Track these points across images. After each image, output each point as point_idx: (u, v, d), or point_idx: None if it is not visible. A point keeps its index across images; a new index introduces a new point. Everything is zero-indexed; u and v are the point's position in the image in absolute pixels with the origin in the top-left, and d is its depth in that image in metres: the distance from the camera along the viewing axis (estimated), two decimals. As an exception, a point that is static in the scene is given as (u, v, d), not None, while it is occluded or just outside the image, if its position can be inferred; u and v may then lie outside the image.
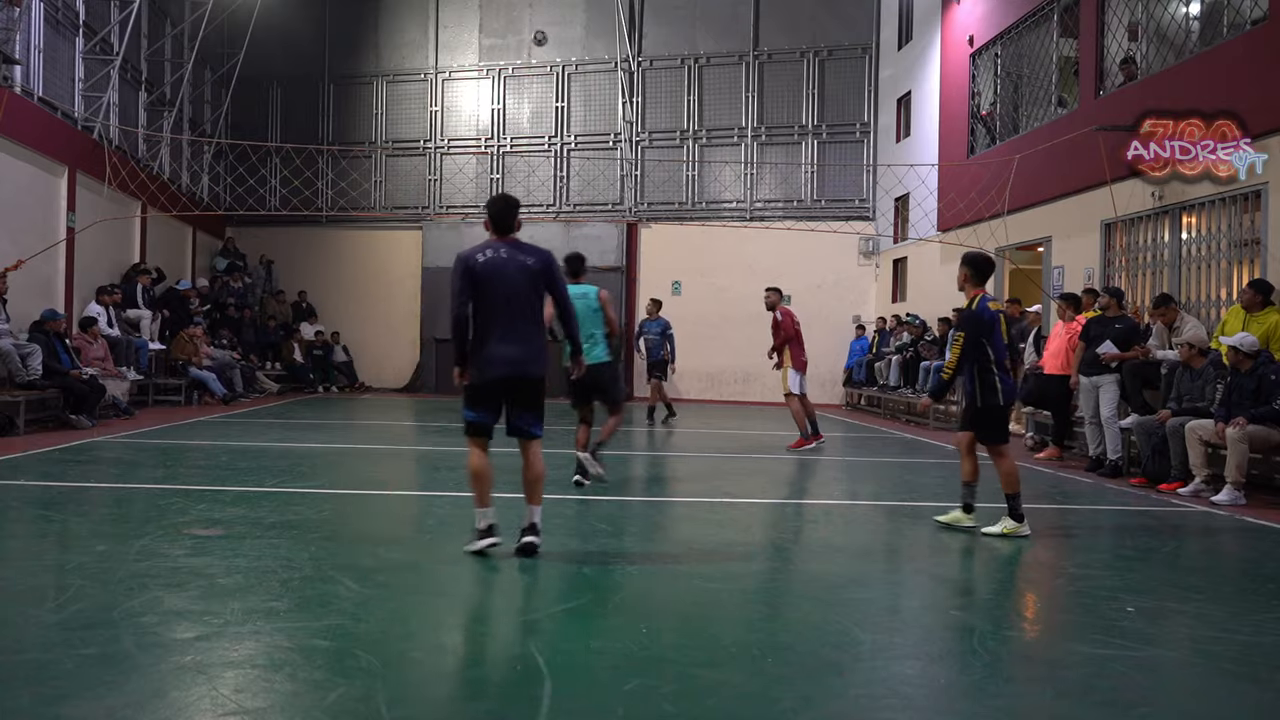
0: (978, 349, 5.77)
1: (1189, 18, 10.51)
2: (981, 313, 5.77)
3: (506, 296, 4.77)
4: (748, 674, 3.32)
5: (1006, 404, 5.85)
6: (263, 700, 2.95)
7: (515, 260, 4.80)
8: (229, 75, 19.81)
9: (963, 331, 5.81)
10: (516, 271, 4.78)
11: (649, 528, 6.18)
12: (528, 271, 4.80)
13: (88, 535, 5.29)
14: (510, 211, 4.98)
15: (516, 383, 4.88)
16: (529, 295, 4.82)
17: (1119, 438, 9.11)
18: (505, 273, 4.78)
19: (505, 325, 4.78)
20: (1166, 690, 3.38)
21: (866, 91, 19.18)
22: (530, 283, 4.81)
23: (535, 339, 4.86)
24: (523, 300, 4.80)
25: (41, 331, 11.40)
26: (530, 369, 4.86)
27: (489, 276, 4.77)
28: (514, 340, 4.79)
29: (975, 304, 5.81)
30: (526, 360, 4.83)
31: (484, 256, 4.80)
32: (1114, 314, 9.29)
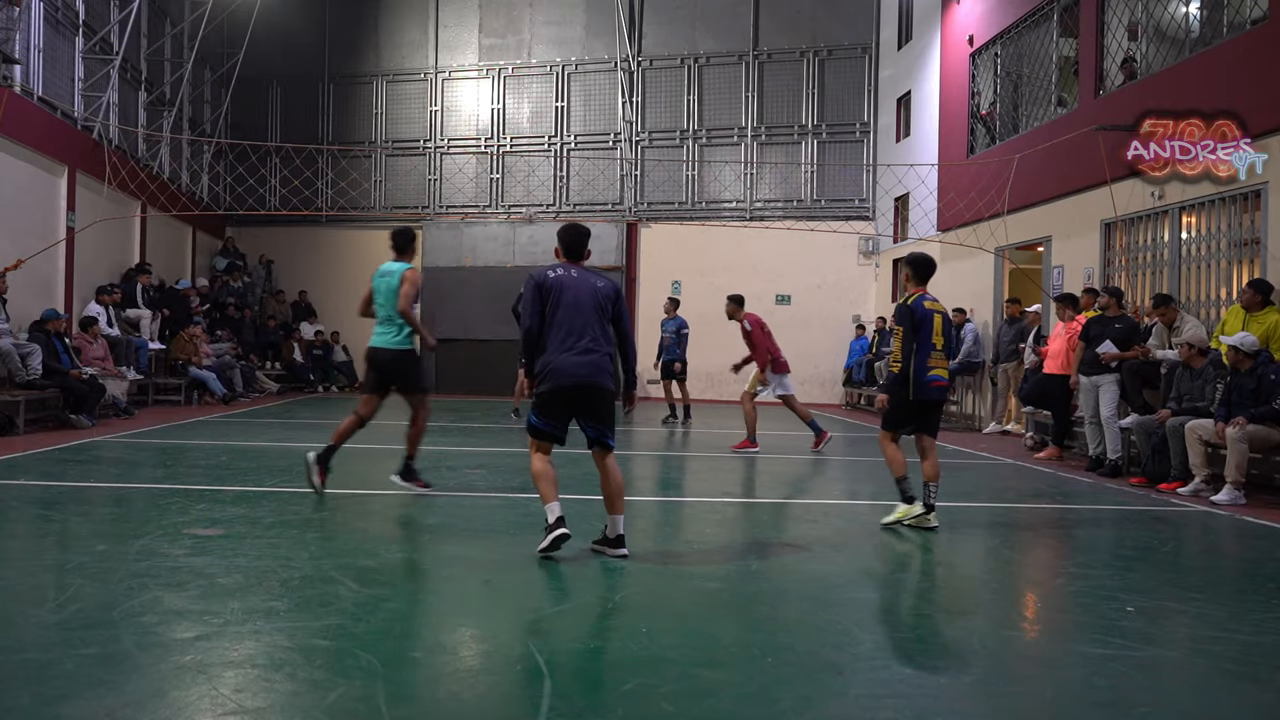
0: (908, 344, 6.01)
1: (1189, 17, 10.51)
2: (915, 308, 5.98)
3: (575, 310, 4.96)
4: (748, 674, 3.32)
5: (918, 401, 6.05)
6: (263, 700, 2.95)
7: (585, 279, 5.04)
8: (229, 75, 19.81)
9: (900, 325, 6.04)
10: (586, 290, 5.00)
11: (649, 527, 6.18)
12: (596, 291, 5.03)
13: (88, 535, 5.29)
14: (582, 240, 5.25)
15: (585, 392, 4.97)
16: (596, 312, 5.01)
17: (1119, 437, 9.12)
18: (575, 289, 4.99)
19: (574, 337, 4.94)
20: (1166, 690, 3.38)
21: (866, 91, 19.18)
22: (597, 302, 5.01)
23: (602, 351, 5.00)
24: (590, 315, 4.98)
25: (41, 331, 11.40)
26: (598, 379, 4.96)
27: (559, 290, 4.98)
28: (581, 351, 4.93)
29: (911, 300, 6.03)
30: (593, 372, 4.94)
31: (554, 274, 5.04)
32: (1114, 314, 9.30)
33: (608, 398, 5.04)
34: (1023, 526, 6.72)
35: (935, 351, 6.00)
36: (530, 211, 20.05)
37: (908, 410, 6.12)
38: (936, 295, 6.31)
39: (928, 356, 5.97)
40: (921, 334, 5.95)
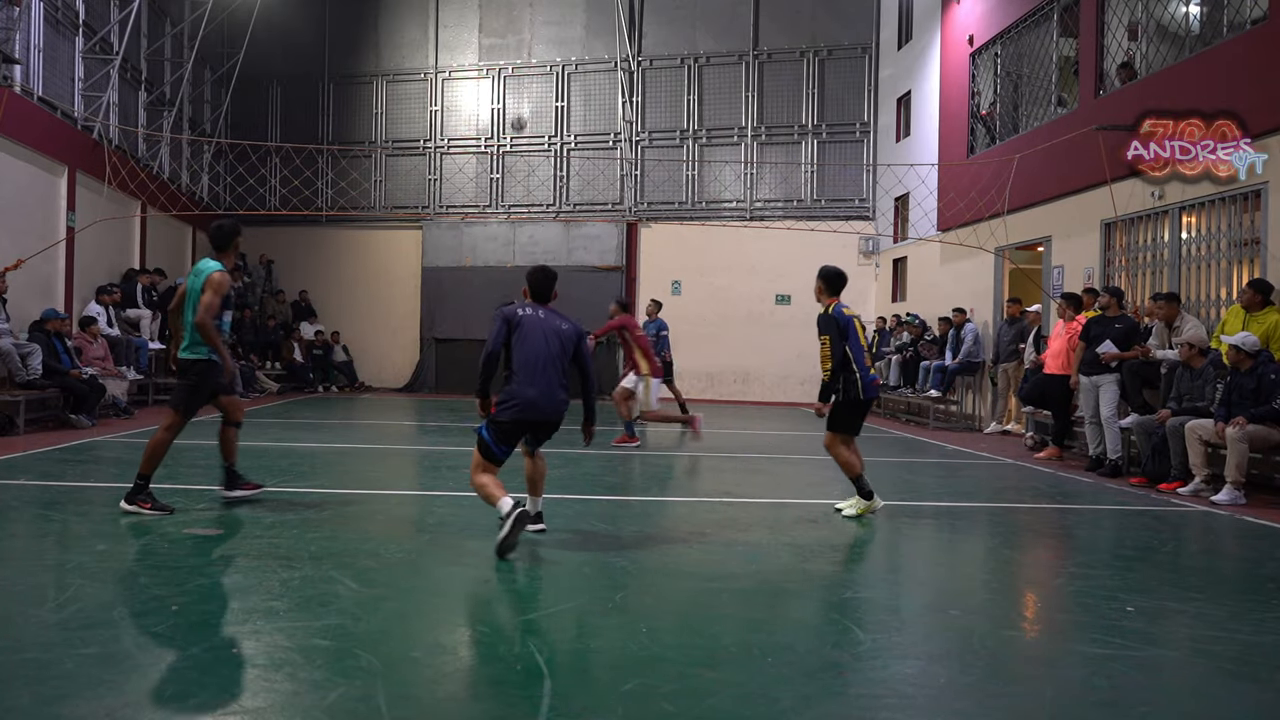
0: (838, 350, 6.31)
1: (1189, 17, 10.51)
2: (836, 316, 6.31)
3: (542, 348, 5.28)
4: (748, 674, 3.32)
5: (866, 400, 6.39)
6: (263, 700, 2.95)
7: (551, 321, 5.38)
8: (229, 75, 19.81)
9: (826, 334, 6.29)
10: (551, 330, 5.34)
11: (649, 527, 6.18)
12: (560, 333, 5.37)
13: (88, 535, 5.29)
14: (548, 282, 5.58)
15: (544, 425, 5.42)
16: (560, 352, 5.33)
17: (1119, 437, 9.12)
18: (542, 328, 5.33)
19: (540, 373, 5.26)
20: (1166, 690, 3.38)
21: (866, 91, 19.18)
22: (561, 343, 5.35)
23: (563, 388, 5.37)
24: (555, 354, 5.31)
25: (41, 331, 11.39)
26: (552, 415, 5.37)
27: (527, 328, 5.31)
28: (545, 388, 5.27)
29: (831, 309, 6.33)
30: (556, 408, 5.34)
31: (524, 311, 5.37)
32: (1114, 314, 9.30)
33: (556, 427, 5.50)
34: (1023, 526, 6.72)
35: (866, 352, 6.47)
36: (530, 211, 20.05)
37: (859, 411, 6.49)
38: (938, 295, 6.50)
39: (864, 356, 6.39)
40: (850, 337, 6.32)
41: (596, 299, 19.53)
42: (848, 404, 6.39)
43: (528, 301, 5.51)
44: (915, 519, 6.76)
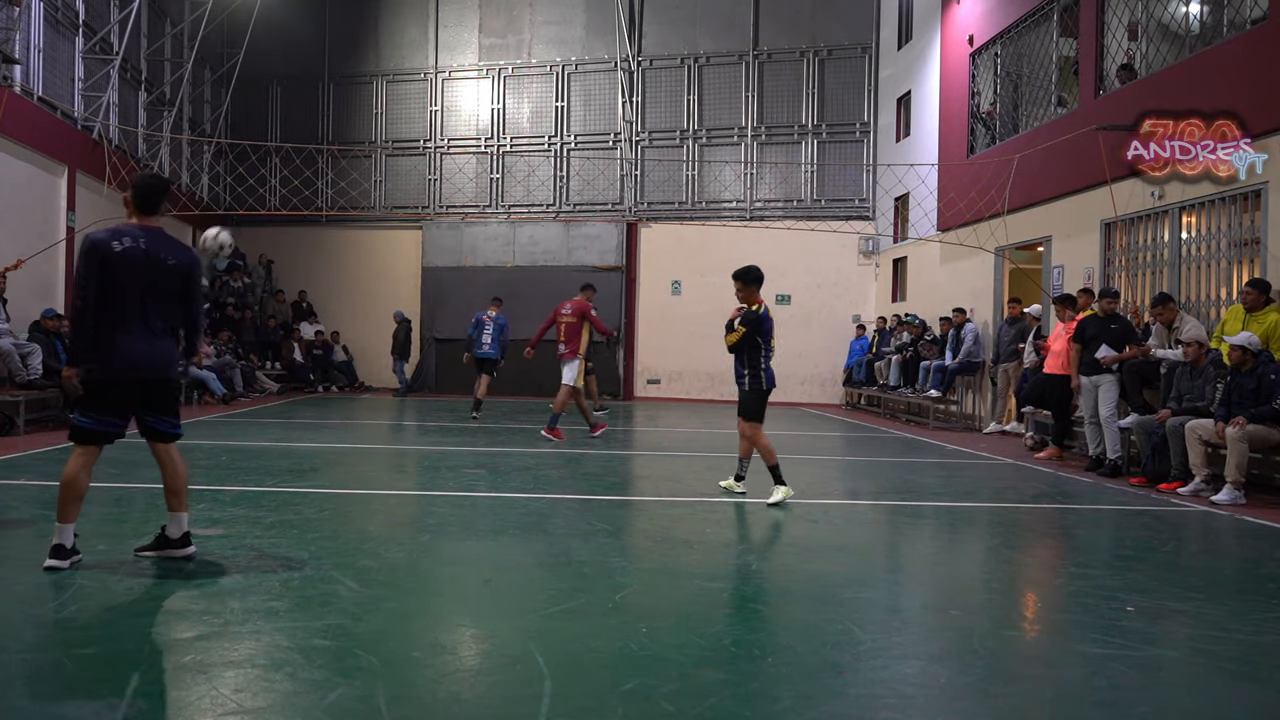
0: (754, 344, 6.94)
1: (1189, 17, 10.51)
2: (764, 317, 6.96)
3: (142, 291, 4.46)
4: (748, 674, 3.32)
5: (768, 389, 7.06)
6: (263, 700, 2.95)
7: (156, 252, 4.50)
8: (229, 75, 19.82)
9: (745, 327, 6.90)
10: (156, 265, 4.49)
11: (650, 527, 6.18)
12: (168, 269, 4.52)
13: (88, 535, 5.28)
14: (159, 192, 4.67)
15: (146, 386, 4.55)
16: (167, 293, 4.54)
17: (1118, 437, 9.12)
18: (143, 262, 4.46)
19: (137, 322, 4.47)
20: (1166, 690, 3.38)
21: (866, 91, 19.19)
22: (169, 281, 4.53)
23: (168, 339, 4.61)
24: (160, 297, 4.52)
25: (41, 331, 11.40)
26: (165, 372, 4.59)
27: (124, 266, 4.43)
28: (144, 339, 4.48)
29: (761, 309, 6.95)
30: (158, 363, 4.54)
31: (120, 244, 4.44)
32: (1106, 313, 9.28)
33: (171, 388, 4.70)
34: (1023, 526, 6.72)
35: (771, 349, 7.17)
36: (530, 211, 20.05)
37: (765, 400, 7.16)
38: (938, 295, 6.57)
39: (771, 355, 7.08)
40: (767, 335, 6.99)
41: (597, 299, 19.58)
42: (757, 392, 7.02)
43: (131, 224, 4.57)
44: (915, 519, 6.76)
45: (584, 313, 11.06)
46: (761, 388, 7.05)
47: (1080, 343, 9.37)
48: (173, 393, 4.74)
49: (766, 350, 7.02)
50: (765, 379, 7.06)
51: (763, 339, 6.96)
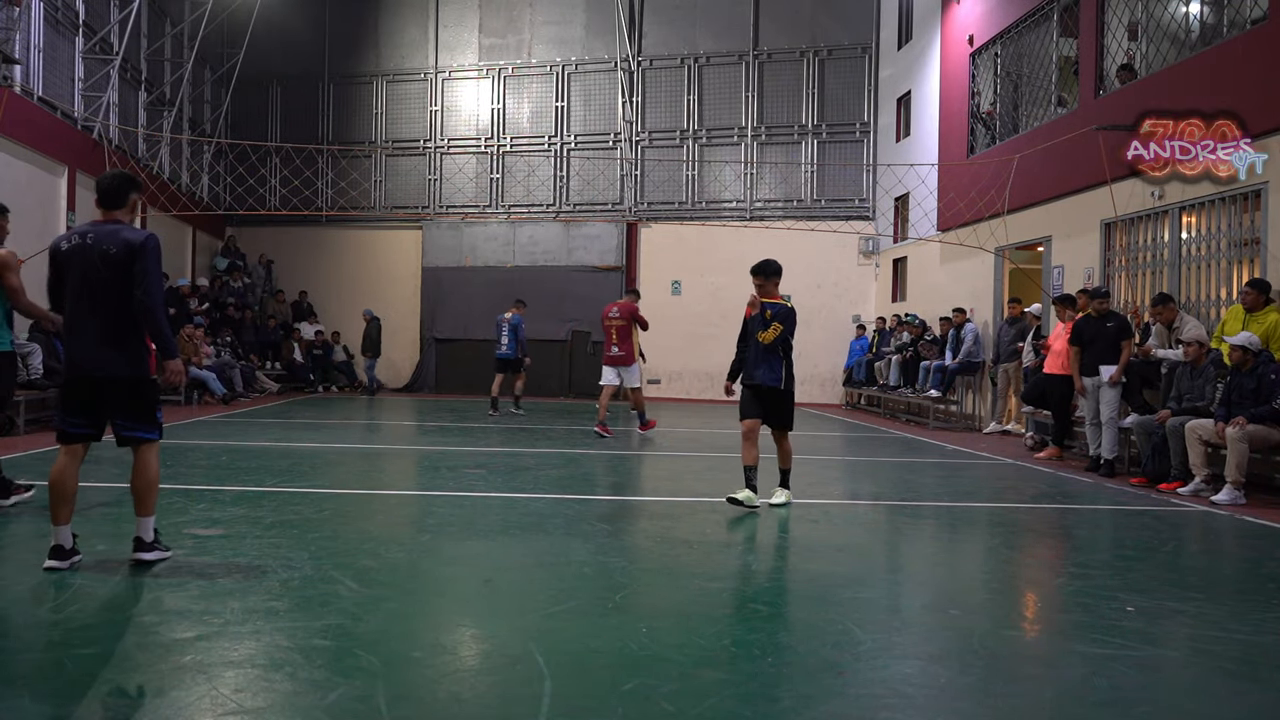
0: (787, 342, 6.60)
1: (1189, 17, 10.51)
2: (793, 311, 6.66)
3: (83, 287, 4.38)
4: (748, 674, 3.32)
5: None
6: (263, 700, 2.95)
7: (100, 242, 4.39)
8: (229, 75, 19.82)
9: (781, 324, 6.55)
10: (96, 257, 4.36)
11: (650, 527, 6.18)
12: (107, 258, 4.35)
13: (88, 535, 5.28)
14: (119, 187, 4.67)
15: (97, 385, 4.43)
16: (110, 286, 4.35)
17: (1116, 438, 9.12)
18: (83, 257, 4.39)
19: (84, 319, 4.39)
20: (1166, 690, 3.38)
21: (866, 91, 19.19)
22: (111, 272, 4.35)
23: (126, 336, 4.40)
24: (99, 288, 4.35)
25: (41, 331, 11.39)
26: (97, 371, 4.39)
27: (68, 264, 4.42)
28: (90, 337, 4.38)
29: (789, 303, 6.70)
30: (106, 361, 4.37)
31: (67, 243, 4.45)
32: (1101, 312, 9.27)
33: (127, 387, 4.47)
34: (1023, 526, 6.72)
35: None
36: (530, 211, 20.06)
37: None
38: (938, 295, 6.55)
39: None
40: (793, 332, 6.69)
41: (597, 298, 19.59)
42: (792, 395, 6.77)
43: (89, 223, 4.54)
44: (915, 519, 6.76)
45: (632, 314, 11.61)
46: (794, 388, 6.81)
47: (1079, 345, 9.35)
48: (139, 394, 4.49)
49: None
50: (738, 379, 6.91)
51: (790, 336, 6.64)
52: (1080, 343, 9.32)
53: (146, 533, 4.56)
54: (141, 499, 4.54)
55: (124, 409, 4.48)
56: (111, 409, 4.47)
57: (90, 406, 4.48)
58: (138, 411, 4.50)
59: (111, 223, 4.50)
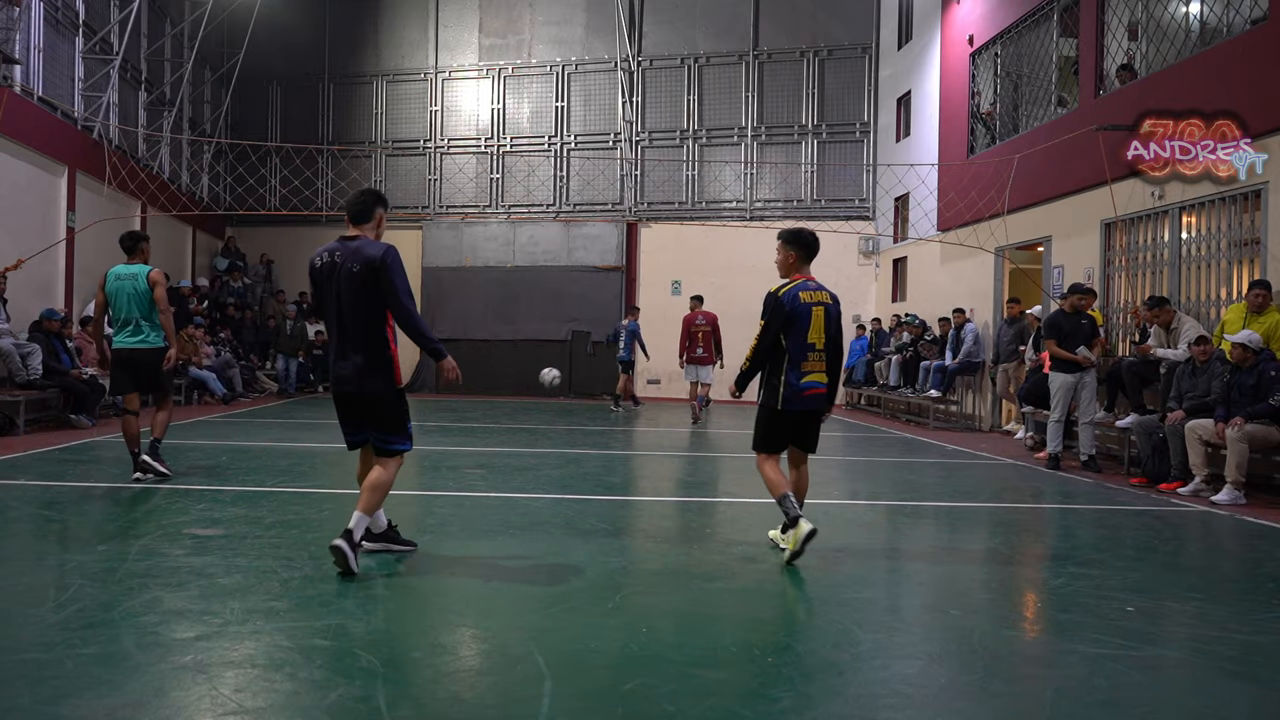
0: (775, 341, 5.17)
1: (1189, 17, 10.51)
2: (783, 301, 5.12)
3: (329, 299, 4.53)
4: (748, 674, 3.32)
5: (783, 409, 5.19)
6: (263, 700, 2.95)
7: (348, 259, 4.47)
8: (229, 75, 19.82)
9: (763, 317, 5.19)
10: (345, 272, 4.46)
11: (649, 527, 6.18)
12: (352, 276, 4.46)
13: (88, 535, 5.29)
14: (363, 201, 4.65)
15: (347, 402, 4.67)
16: (352, 302, 4.47)
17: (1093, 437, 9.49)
18: (335, 273, 4.49)
19: (331, 332, 4.61)
20: (1166, 690, 3.38)
21: (866, 91, 19.19)
22: (354, 286, 4.46)
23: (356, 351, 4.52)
24: (348, 304, 4.48)
25: (41, 331, 11.40)
26: (350, 387, 4.57)
27: (322, 276, 4.55)
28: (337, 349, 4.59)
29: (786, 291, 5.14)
30: (350, 377, 4.56)
31: (321, 260, 4.56)
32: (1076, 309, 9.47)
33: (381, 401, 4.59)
34: (1023, 526, 6.72)
35: (816, 354, 5.13)
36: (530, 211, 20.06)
37: (776, 424, 5.21)
38: (938, 295, 6.22)
39: (804, 358, 5.10)
40: (799, 332, 5.08)
41: (597, 298, 19.62)
42: (763, 410, 5.25)
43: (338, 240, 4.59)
44: (915, 519, 6.76)
45: (715, 323, 14.09)
46: (769, 403, 5.18)
47: (1056, 338, 9.37)
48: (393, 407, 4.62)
49: (794, 351, 5.09)
50: (780, 393, 5.10)
51: (786, 335, 5.08)
52: (1059, 336, 9.35)
53: (358, 529, 4.54)
54: (371, 492, 4.59)
55: (380, 422, 4.61)
56: (370, 422, 4.64)
57: (356, 420, 4.68)
58: (393, 425, 4.63)
59: (356, 239, 4.56)
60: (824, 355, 5.16)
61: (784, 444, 5.28)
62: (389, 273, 4.43)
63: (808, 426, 5.28)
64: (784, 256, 5.30)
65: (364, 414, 4.62)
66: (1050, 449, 9.60)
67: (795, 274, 5.25)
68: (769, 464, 5.20)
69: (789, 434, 5.25)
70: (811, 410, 5.19)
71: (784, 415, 5.15)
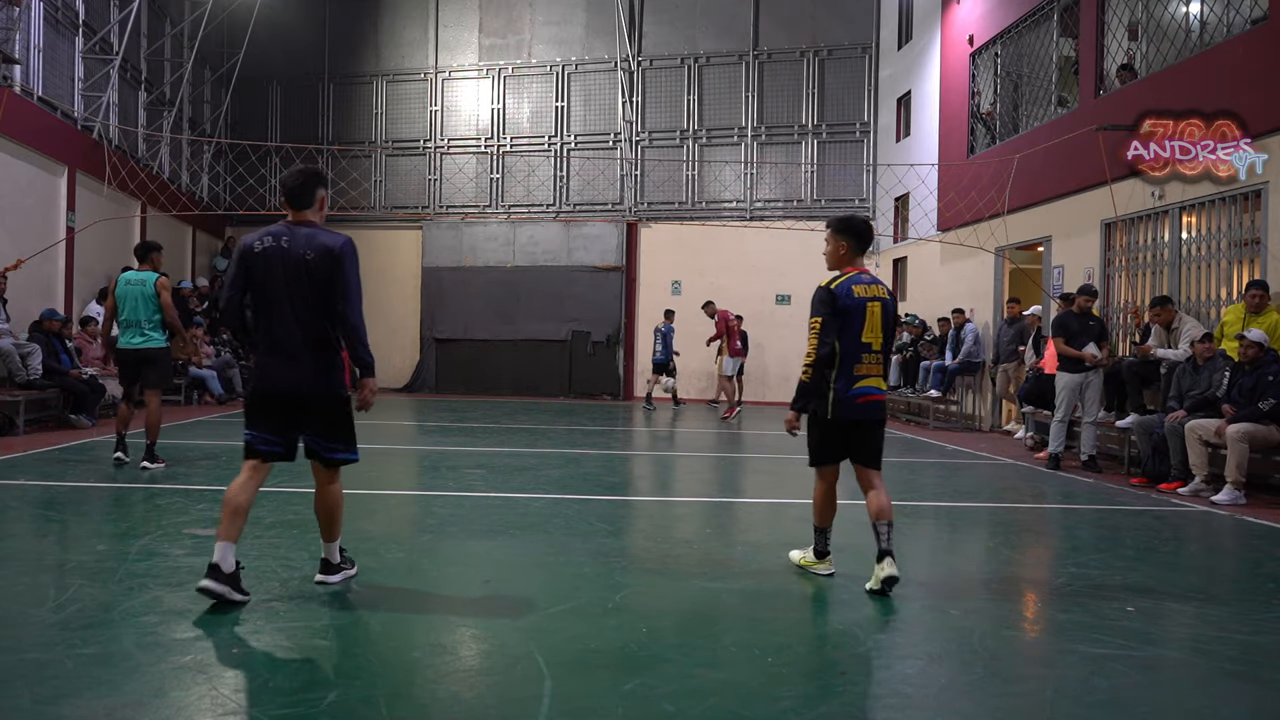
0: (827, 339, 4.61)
1: (1189, 17, 10.51)
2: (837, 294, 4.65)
3: (276, 292, 3.99)
4: (748, 674, 3.31)
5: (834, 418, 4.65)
6: (263, 700, 2.95)
7: (296, 248, 3.97)
8: (229, 75, 19.82)
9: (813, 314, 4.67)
10: (294, 262, 3.96)
11: (649, 527, 6.18)
12: (305, 265, 3.96)
13: (88, 535, 5.29)
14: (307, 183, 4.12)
15: (286, 401, 4.07)
16: (305, 291, 3.97)
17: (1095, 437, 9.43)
18: (281, 263, 3.98)
19: (278, 329, 4.03)
20: (1166, 690, 3.38)
21: (866, 91, 19.19)
22: (307, 277, 3.96)
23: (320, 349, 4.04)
24: (297, 297, 3.97)
25: (41, 331, 11.40)
26: (298, 388, 4.04)
27: (264, 267, 4.00)
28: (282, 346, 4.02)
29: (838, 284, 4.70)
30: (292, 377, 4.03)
31: (261, 244, 4.02)
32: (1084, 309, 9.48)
33: (328, 405, 4.11)
34: (1023, 526, 6.72)
35: (869, 354, 4.60)
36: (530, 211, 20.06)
37: (829, 435, 4.66)
38: (938, 295, 5.77)
39: (861, 359, 4.57)
40: (853, 329, 4.56)
41: (597, 298, 19.62)
42: (814, 424, 4.72)
43: (282, 224, 4.10)
44: (915, 519, 6.75)
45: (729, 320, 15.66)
46: (817, 412, 4.63)
47: (1065, 337, 9.38)
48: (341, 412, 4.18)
49: (847, 352, 4.54)
50: (829, 400, 4.55)
51: (839, 334, 4.54)
52: (1068, 334, 9.36)
53: (333, 554, 4.30)
54: (329, 523, 4.23)
55: (331, 428, 4.12)
56: (311, 428, 4.10)
57: (285, 425, 4.09)
58: (346, 431, 4.17)
59: (304, 224, 4.08)
60: (880, 357, 4.62)
61: (837, 456, 4.71)
62: (345, 266, 3.98)
63: (865, 436, 4.69)
64: (834, 247, 4.84)
65: (308, 419, 4.08)
66: (1051, 449, 9.60)
67: (847, 266, 4.76)
68: (821, 483, 4.77)
69: (841, 445, 4.68)
70: (867, 420, 4.65)
71: (834, 425, 4.60)
